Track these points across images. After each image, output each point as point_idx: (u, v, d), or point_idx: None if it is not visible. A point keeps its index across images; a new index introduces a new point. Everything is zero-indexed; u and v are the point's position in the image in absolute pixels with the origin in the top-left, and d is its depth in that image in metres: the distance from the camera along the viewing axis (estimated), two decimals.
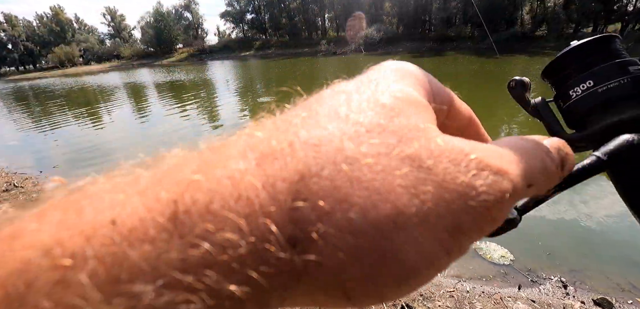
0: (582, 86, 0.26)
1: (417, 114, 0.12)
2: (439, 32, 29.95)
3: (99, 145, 5.71)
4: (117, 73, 31.61)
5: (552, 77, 0.30)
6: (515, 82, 0.31)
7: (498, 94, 7.79)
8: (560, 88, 0.29)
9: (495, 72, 11.59)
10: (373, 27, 34.64)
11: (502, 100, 7.13)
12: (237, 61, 33.60)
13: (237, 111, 7.84)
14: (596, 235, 2.38)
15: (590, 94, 0.26)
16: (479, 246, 2.29)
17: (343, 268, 0.10)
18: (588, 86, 0.26)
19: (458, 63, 15.87)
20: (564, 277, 2.00)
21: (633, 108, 0.24)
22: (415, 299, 1.79)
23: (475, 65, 13.64)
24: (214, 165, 0.10)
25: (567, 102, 0.28)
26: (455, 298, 1.82)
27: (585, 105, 0.26)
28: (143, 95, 12.63)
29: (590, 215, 2.57)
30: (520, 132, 4.85)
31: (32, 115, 9.79)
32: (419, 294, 1.83)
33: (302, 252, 0.09)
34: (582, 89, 0.26)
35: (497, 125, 5.30)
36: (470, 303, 1.78)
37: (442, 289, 1.89)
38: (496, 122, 5.47)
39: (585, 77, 0.26)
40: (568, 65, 0.28)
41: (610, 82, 0.25)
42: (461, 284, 1.94)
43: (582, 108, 0.27)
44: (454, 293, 1.85)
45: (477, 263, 2.17)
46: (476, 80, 10.24)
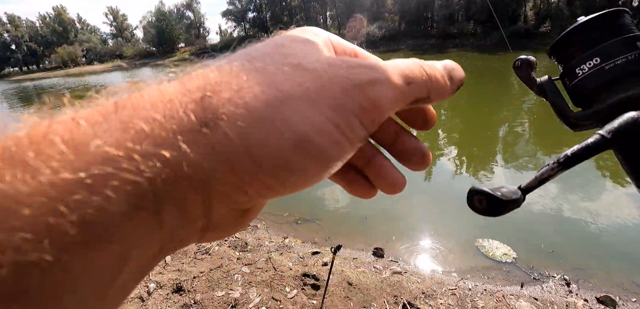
0: (589, 63, 0.26)
1: (303, 43, 0.16)
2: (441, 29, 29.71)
3: None
4: (120, 73, 31.73)
5: (558, 54, 0.29)
6: (520, 61, 0.30)
7: (502, 91, 7.74)
8: (566, 66, 0.28)
9: (499, 68, 11.49)
10: (375, 25, 34.46)
11: (506, 97, 7.08)
12: None
13: None
14: (599, 233, 2.37)
15: (597, 71, 0.25)
16: (481, 244, 2.28)
17: (244, 135, 0.13)
18: (595, 63, 0.25)
19: (461, 60, 15.71)
20: (567, 275, 2.00)
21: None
22: (417, 297, 1.79)
23: (478, 62, 13.54)
24: (154, 88, 0.14)
25: (573, 80, 0.27)
26: (457, 295, 1.82)
27: (591, 83, 0.26)
28: None
29: (594, 213, 2.55)
30: (528, 128, 4.83)
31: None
32: (421, 292, 1.83)
33: (213, 128, 0.12)
34: (588, 67, 0.26)
35: (502, 122, 5.26)
36: (472, 300, 1.78)
37: (444, 287, 1.89)
38: (501, 119, 5.44)
39: (592, 54, 0.26)
40: (575, 42, 0.27)
41: (617, 59, 0.25)
42: (463, 282, 1.94)
43: (589, 86, 0.26)
44: (456, 291, 1.85)
45: (479, 261, 2.17)
46: (480, 77, 10.17)
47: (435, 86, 0.18)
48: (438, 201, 2.97)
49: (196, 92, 0.13)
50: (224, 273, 2.01)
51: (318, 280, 1.91)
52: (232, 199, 0.14)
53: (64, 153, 0.11)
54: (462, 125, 5.37)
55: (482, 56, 16.81)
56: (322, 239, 2.45)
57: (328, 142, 0.14)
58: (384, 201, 2.96)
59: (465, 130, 5.05)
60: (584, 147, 0.21)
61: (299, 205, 2.98)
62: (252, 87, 0.13)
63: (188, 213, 0.13)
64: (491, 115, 5.79)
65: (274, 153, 0.13)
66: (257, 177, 0.13)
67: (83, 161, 0.11)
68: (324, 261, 2.09)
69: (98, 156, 0.11)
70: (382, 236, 2.44)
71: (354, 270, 2.02)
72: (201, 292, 1.83)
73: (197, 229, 0.14)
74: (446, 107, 6.53)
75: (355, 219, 2.71)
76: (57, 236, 0.10)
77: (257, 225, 2.66)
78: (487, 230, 2.44)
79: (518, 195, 0.21)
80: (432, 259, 2.21)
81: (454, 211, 2.79)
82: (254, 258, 2.15)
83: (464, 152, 4.09)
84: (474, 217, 2.65)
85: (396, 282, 1.91)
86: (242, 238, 2.43)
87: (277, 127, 0.13)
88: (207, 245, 2.33)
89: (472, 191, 0.20)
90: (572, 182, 3.15)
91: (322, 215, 2.78)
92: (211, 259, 2.17)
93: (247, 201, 0.14)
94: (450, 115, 6.00)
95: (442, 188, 3.22)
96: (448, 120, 5.74)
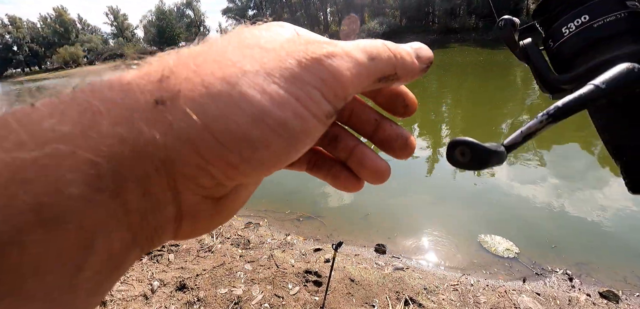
0: (577, 21, 0.25)
1: (265, 30, 0.16)
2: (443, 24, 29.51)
3: None
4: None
5: (543, 14, 0.28)
6: (504, 21, 0.29)
7: (505, 84, 7.68)
8: (551, 27, 0.27)
9: (501, 62, 11.41)
10: (376, 20, 34.24)
11: (509, 91, 7.03)
12: None
13: None
14: (602, 228, 2.36)
15: (586, 29, 0.25)
16: (484, 239, 2.28)
17: (203, 112, 0.13)
18: (583, 21, 0.25)
19: (463, 55, 15.65)
20: (569, 270, 1.99)
21: (630, 44, 0.23)
22: (419, 292, 1.79)
23: (480, 57, 13.44)
24: (114, 75, 0.14)
25: (558, 41, 0.26)
26: (459, 291, 1.83)
27: (579, 42, 0.25)
28: None
29: (596, 208, 2.54)
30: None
31: None
32: (423, 288, 1.83)
33: (171, 107, 0.12)
34: (575, 25, 0.25)
35: (506, 116, 5.23)
36: (474, 296, 1.79)
37: (446, 282, 1.89)
38: (505, 113, 5.41)
39: (580, 12, 0.25)
40: (562, 0, 0.26)
41: (606, 16, 0.24)
42: (465, 278, 1.95)
43: (576, 46, 0.25)
44: (458, 286, 1.86)
45: (481, 256, 2.16)
46: (482, 71, 10.10)
47: (401, 63, 0.18)
48: (440, 198, 2.97)
49: (154, 74, 0.13)
50: (227, 270, 2.02)
51: (320, 277, 1.92)
52: (199, 182, 0.14)
53: (17, 134, 0.11)
54: (464, 120, 5.35)
55: (485, 50, 16.68)
56: (324, 236, 2.46)
57: (289, 114, 0.14)
58: (385, 199, 2.96)
59: (468, 126, 5.03)
60: (577, 97, 0.20)
61: (300, 202, 2.98)
62: (209, 65, 0.13)
63: (153, 195, 0.13)
64: (494, 110, 5.76)
65: (234, 128, 0.13)
66: (220, 155, 0.13)
67: (36, 141, 0.11)
68: (326, 258, 2.10)
69: (52, 136, 0.11)
70: (384, 232, 2.45)
71: (356, 267, 2.03)
72: (204, 289, 1.85)
73: (170, 217, 0.14)
74: (449, 103, 6.51)
75: (357, 216, 2.71)
76: (11, 216, 0.10)
77: (260, 223, 2.67)
78: (489, 225, 2.44)
79: (501, 149, 0.20)
80: (434, 255, 2.21)
81: (456, 207, 2.78)
82: (257, 256, 2.17)
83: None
84: (476, 213, 2.65)
85: (398, 278, 1.92)
86: (244, 236, 2.45)
87: (234, 101, 0.13)
88: (210, 243, 2.34)
89: (454, 143, 0.18)
90: (574, 176, 3.14)
91: (323, 212, 2.79)
92: (214, 257, 2.18)
93: (215, 185, 0.14)
94: (452, 110, 5.97)
95: (443, 184, 3.21)
96: (450, 115, 5.71)
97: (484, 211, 2.66)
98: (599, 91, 0.20)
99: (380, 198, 2.97)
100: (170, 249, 2.30)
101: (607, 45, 0.24)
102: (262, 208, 2.92)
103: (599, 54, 0.24)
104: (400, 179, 3.41)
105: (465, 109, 6.01)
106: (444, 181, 3.26)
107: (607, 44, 0.24)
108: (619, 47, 0.24)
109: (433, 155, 3.92)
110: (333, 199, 3.01)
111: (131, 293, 1.86)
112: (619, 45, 0.24)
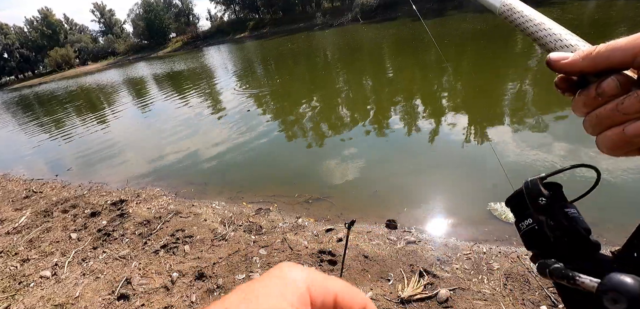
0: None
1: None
2: None
3: (105, 142, 5.78)
4: (115, 70, 31.35)
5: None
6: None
7: (506, 53, 7.48)
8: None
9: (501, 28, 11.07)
10: None
11: (510, 59, 6.86)
12: (233, 44, 32.86)
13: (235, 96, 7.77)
14: (613, 188, 2.35)
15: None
16: (493, 207, 2.29)
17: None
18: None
19: (461, 23, 15.19)
20: None
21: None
22: (432, 264, 1.83)
23: (479, 24, 13.03)
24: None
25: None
26: (472, 259, 1.86)
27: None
28: (143, 89, 12.57)
29: (603, 168, 2.53)
30: (531, 91, 4.72)
31: (39, 122, 9.89)
32: (436, 259, 1.86)
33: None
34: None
35: (511, 80, 5.13)
36: (487, 263, 1.82)
37: (459, 252, 1.92)
38: (506, 81, 5.30)
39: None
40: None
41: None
42: (477, 246, 1.97)
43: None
44: (471, 255, 1.89)
45: (492, 224, 2.18)
46: (482, 40, 9.83)
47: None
48: (446, 169, 2.96)
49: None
50: (243, 256, 2.06)
51: (334, 256, 1.95)
52: None
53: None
54: (467, 90, 5.26)
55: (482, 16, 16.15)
56: (335, 216, 2.48)
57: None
58: (393, 174, 2.97)
59: (472, 96, 4.95)
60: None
61: (308, 184, 3.00)
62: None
63: None
64: (497, 80, 5.64)
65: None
66: None
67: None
68: (338, 237, 2.13)
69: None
70: (393, 208, 2.47)
71: (369, 243, 2.06)
72: (223, 277, 1.89)
73: None
74: (450, 74, 6.39)
75: (366, 193, 2.73)
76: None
77: (270, 208, 2.69)
78: (497, 193, 2.45)
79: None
80: (445, 226, 2.24)
81: (463, 177, 2.78)
82: (270, 240, 2.20)
83: (470, 116, 4.03)
84: (483, 181, 2.65)
85: (411, 251, 1.95)
86: (256, 222, 2.48)
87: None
88: (223, 232, 2.38)
89: (606, 287, 0.19)
90: (581, 137, 3.11)
91: (332, 193, 2.81)
92: (228, 245, 2.22)
93: None
94: (456, 81, 5.87)
95: (449, 155, 3.20)
96: (454, 86, 5.61)
97: (491, 180, 2.66)
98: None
99: (388, 174, 2.97)
100: (185, 240, 2.35)
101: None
102: (270, 194, 2.94)
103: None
104: (405, 153, 3.40)
105: (470, 79, 5.90)
106: (449, 153, 3.25)
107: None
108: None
109: (435, 127, 3.89)
110: (339, 179, 3.02)
111: (152, 286, 1.91)
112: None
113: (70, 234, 2.74)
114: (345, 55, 11.93)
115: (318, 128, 4.64)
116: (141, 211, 2.94)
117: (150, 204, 3.09)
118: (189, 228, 2.49)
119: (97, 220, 2.92)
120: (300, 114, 5.41)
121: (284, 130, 4.80)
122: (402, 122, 4.27)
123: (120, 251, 2.36)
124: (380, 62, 9.29)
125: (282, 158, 3.80)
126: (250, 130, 4.96)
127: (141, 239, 2.47)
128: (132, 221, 2.77)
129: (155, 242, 2.39)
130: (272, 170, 3.49)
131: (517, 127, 3.52)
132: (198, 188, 3.35)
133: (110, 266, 2.21)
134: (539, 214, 0.32)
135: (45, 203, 3.54)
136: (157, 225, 2.62)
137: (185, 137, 5.25)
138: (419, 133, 3.83)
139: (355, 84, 7.10)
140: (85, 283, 2.07)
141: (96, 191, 3.69)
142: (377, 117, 4.60)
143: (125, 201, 3.22)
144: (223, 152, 4.26)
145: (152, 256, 2.22)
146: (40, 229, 2.92)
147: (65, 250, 2.51)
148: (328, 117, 5.07)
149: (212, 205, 2.89)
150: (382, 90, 6.17)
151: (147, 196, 3.30)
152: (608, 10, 10.78)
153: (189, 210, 2.82)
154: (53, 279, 2.19)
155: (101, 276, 2.12)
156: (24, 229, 2.99)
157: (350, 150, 3.64)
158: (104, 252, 2.38)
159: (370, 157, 3.39)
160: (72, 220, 3.01)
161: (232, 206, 2.84)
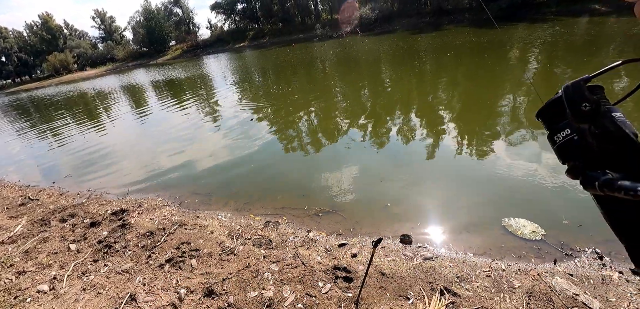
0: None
1: None
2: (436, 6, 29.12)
3: (103, 150, 5.67)
4: (113, 76, 31.24)
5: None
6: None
7: (502, 66, 7.60)
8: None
9: (497, 41, 11.28)
10: (368, 7, 33.70)
11: (506, 72, 6.95)
12: (232, 53, 33.04)
13: (235, 105, 7.74)
14: None
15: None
16: (508, 223, 2.25)
17: None
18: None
19: (457, 36, 15.47)
20: (598, 248, 1.97)
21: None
22: (452, 282, 1.77)
23: (475, 38, 13.28)
24: None
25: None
26: (492, 277, 1.80)
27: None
28: (141, 95, 12.49)
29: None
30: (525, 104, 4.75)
31: (36, 128, 9.74)
32: (456, 276, 1.81)
33: None
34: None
35: (502, 98, 5.17)
36: (508, 281, 1.76)
37: (478, 269, 1.87)
38: (502, 94, 5.35)
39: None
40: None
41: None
42: (496, 263, 1.92)
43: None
44: (491, 273, 1.83)
45: (508, 240, 2.14)
46: (478, 53, 9.99)
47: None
48: (458, 182, 2.93)
49: None
50: (253, 272, 1.98)
51: (350, 272, 1.88)
52: None
53: None
54: (465, 104, 5.29)
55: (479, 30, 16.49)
56: (347, 230, 2.42)
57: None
58: (402, 187, 2.92)
59: (474, 112, 4.97)
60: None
61: (317, 197, 2.94)
62: None
63: None
64: (494, 91, 5.69)
65: None
66: None
67: None
68: (352, 253, 2.06)
69: None
70: (406, 222, 2.41)
71: (384, 259, 2.00)
72: (234, 294, 1.81)
73: None
74: (458, 92, 6.44)
75: (377, 206, 2.67)
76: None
77: (278, 221, 2.62)
78: (512, 208, 2.41)
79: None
80: (460, 242, 2.18)
81: (476, 191, 2.75)
82: (281, 255, 2.13)
83: (475, 131, 4.03)
84: (496, 196, 2.62)
85: (429, 268, 1.89)
86: (265, 235, 2.40)
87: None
88: (231, 246, 2.30)
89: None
90: None
91: (342, 206, 2.75)
92: (237, 259, 2.14)
93: None
94: (455, 95, 5.90)
95: (460, 169, 3.17)
96: (448, 97, 5.64)
97: (504, 195, 2.63)
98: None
99: (397, 187, 2.93)
100: (192, 254, 2.26)
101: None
102: (278, 206, 2.87)
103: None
104: (413, 166, 3.36)
105: (468, 92, 5.94)
106: (461, 167, 3.22)
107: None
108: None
109: (447, 141, 3.87)
110: (350, 191, 2.96)
111: (159, 303, 1.82)
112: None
113: (69, 245, 2.63)
114: (357, 66, 12.02)
115: (325, 139, 4.61)
116: (144, 222, 2.84)
117: (152, 214, 2.99)
118: (195, 241, 2.41)
119: (97, 231, 2.81)
120: (305, 125, 5.38)
121: (287, 141, 4.75)
122: (412, 135, 4.25)
123: (123, 264, 2.26)
124: (397, 71, 9.35)
125: (289, 170, 3.74)
126: (253, 140, 4.91)
127: (144, 252, 2.38)
128: (135, 232, 2.68)
129: (159, 255, 2.30)
130: (279, 182, 3.43)
131: (531, 137, 3.51)
132: (202, 199, 3.27)
133: (113, 280, 2.11)
134: (580, 122, 0.27)
135: (42, 211, 3.42)
136: (161, 237, 2.53)
137: (186, 146, 5.17)
138: (430, 146, 3.81)
139: (361, 96, 7.11)
140: (86, 299, 1.96)
141: (95, 199, 3.58)
142: (386, 128, 4.58)
143: (127, 211, 3.12)
144: (227, 162, 4.19)
145: (157, 271, 2.12)
146: (37, 239, 2.80)
147: (64, 262, 2.40)
148: (335, 128, 5.05)
149: (218, 217, 2.81)
150: (391, 102, 6.18)
151: (149, 206, 3.21)
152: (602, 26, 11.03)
153: (194, 222, 2.73)
154: (51, 294, 2.08)
155: (103, 291, 2.01)
156: (19, 238, 2.87)
157: (360, 162, 3.60)
158: (105, 265, 2.28)
159: (380, 169, 3.35)
160: (71, 230, 2.90)
161: (239, 218, 2.76)
